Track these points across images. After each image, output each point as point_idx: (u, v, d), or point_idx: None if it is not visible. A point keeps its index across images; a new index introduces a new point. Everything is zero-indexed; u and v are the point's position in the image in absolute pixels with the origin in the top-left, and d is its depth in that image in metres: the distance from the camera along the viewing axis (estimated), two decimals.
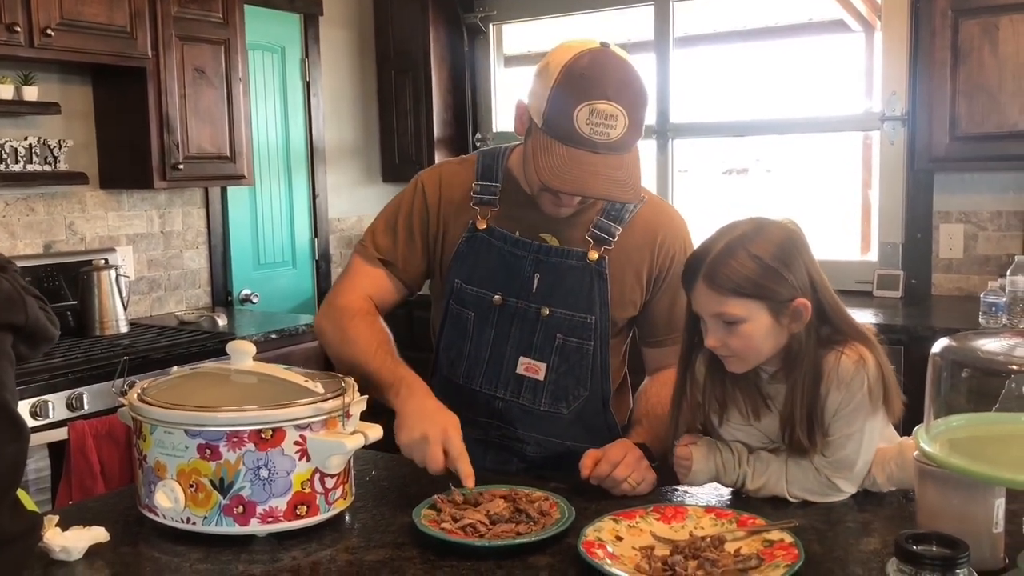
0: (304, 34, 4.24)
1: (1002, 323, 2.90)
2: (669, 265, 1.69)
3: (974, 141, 3.16)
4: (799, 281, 1.41)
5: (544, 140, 1.51)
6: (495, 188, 1.69)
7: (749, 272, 1.39)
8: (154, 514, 1.36)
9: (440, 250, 1.72)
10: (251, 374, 1.46)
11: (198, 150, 3.41)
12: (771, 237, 1.42)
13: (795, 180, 6.21)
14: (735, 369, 1.46)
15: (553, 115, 1.49)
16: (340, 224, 4.48)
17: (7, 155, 3.06)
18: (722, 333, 1.42)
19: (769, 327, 1.41)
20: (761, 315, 1.40)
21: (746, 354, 1.43)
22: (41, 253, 3.26)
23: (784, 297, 1.40)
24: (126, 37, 3.11)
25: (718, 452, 1.50)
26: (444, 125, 4.48)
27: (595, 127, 1.47)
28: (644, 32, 4.18)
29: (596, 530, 1.31)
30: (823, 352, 1.44)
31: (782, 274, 1.40)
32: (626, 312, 1.70)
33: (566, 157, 1.49)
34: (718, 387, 1.51)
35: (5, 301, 1.22)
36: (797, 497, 1.46)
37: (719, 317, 1.41)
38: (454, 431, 1.46)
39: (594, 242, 1.66)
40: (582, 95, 1.47)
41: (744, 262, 1.39)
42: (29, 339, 1.27)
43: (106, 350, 2.91)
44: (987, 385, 1.20)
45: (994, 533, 1.21)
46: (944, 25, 3.15)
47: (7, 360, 1.22)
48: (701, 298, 1.43)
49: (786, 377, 1.45)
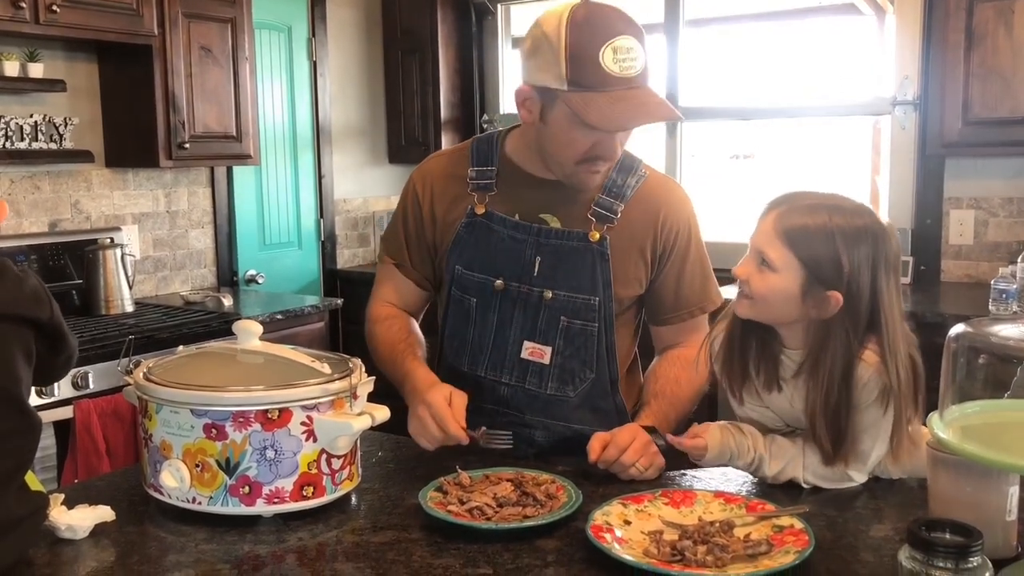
0: (311, 13, 4.21)
1: (1012, 310, 2.88)
2: (674, 241, 1.68)
3: (987, 126, 3.13)
4: (852, 275, 1.36)
5: (577, 98, 1.48)
6: (491, 172, 1.68)
7: (813, 238, 1.36)
8: (160, 494, 1.35)
9: (441, 240, 1.72)
10: (258, 354, 1.45)
11: (204, 129, 3.39)
12: (859, 225, 1.38)
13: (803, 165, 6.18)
14: (740, 310, 1.45)
15: (579, 68, 1.47)
16: (346, 205, 4.47)
17: (12, 132, 3.05)
18: (752, 268, 1.42)
19: (792, 295, 1.39)
20: (794, 278, 1.38)
21: (757, 300, 1.42)
22: (46, 231, 3.25)
23: (826, 280, 1.37)
24: (132, 14, 3.09)
25: (731, 434, 1.48)
26: (451, 106, 4.46)
27: (622, 63, 1.47)
28: (655, 14, 4.15)
29: (604, 514, 1.30)
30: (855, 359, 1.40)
31: (840, 260, 1.36)
32: (631, 290, 1.68)
33: (608, 100, 1.47)
34: (744, 351, 1.49)
35: (31, 295, 1.23)
36: (810, 483, 1.45)
37: (760, 252, 1.41)
38: (436, 397, 1.51)
39: (596, 220, 1.64)
40: (599, 38, 1.47)
41: (816, 227, 1.37)
42: (49, 339, 1.28)
43: (111, 329, 2.91)
44: (1002, 372, 1.19)
45: (1007, 521, 1.20)
46: (959, 7, 3.11)
47: (24, 354, 1.22)
48: (761, 229, 1.42)
49: (810, 373, 1.42)
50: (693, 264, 1.70)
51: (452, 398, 1.51)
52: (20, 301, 1.22)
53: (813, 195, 1.43)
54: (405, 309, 1.79)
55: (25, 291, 1.23)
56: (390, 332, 1.72)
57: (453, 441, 1.50)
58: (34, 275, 1.28)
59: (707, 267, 1.74)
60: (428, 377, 1.60)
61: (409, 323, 1.77)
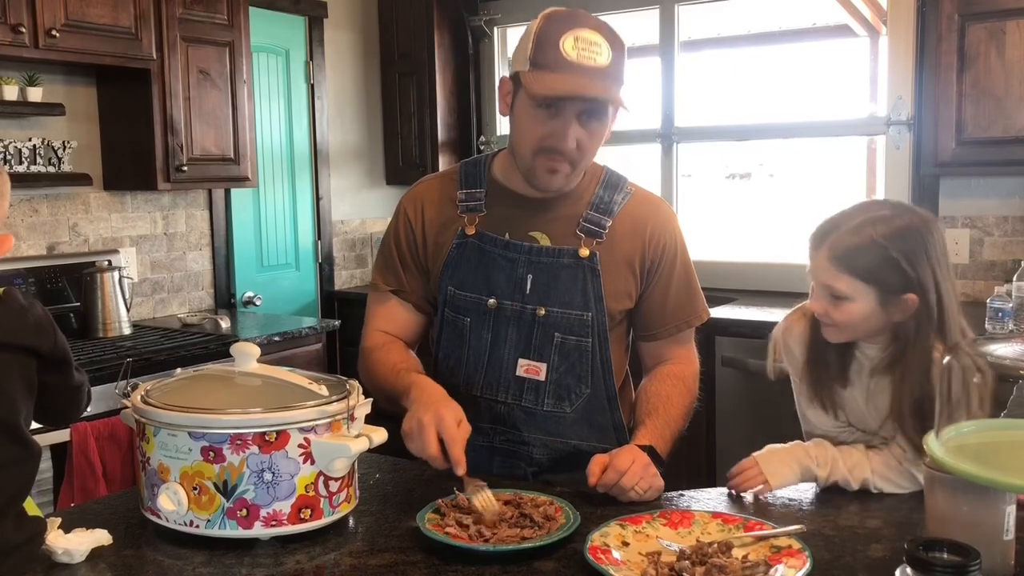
0: (308, 36, 4.24)
1: (1008, 329, 2.89)
2: (661, 254, 1.70)
3: (980, 146, 3.15)
4: (918, 275, 1.42)
5: (534, 75, 1.53)
6: (480, 194, 1.70)
7: (869, 256, 1.43)
8: (157, 517, 1.35)
9: (434, 262, 1.73)
10: (255, 376, 1.45)
11: (202, 152, 3.40)
12: (902, 226, 1.43)
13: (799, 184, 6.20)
14: (830, 337, 1.51)
15: (539, 51, 1.53)
16: (343, 227, 4.48)
17: (11, 156, 3.06)
18: (827, 303, 1.48)
19: (873, 311, 1.46)
20: (868, 298, 1.45)
21: (844, 327, 1.49)
22: (44, 254, 3.26)
23: (896, 287, 1.43)
24: (131, 38, 3.11)
25: (801, 450, 1.51)
26: (448, 128, 4.48)
27: (581, 52, 1.51)
28: (650, 36, 4.18)
29: (602, 535, 1.30)
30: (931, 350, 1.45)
31: (901, 265, 1.42)
32: (622, 304, 1.70)
33: (559, 78, 1.52)
34: (818, 351, 1.55)
35: (34, 325, 1.24)
36: (878, 488, 1.48)
37: (828, 288, 1.47)
38: (449, 415, 1.47)
39: (585, 236, 1.66)
40: (565, 26, 1.53)
41: (867, 246, 1.43)
42: (54, 370, 1.28)
43: (109, 352, 2.91)
44: (997, 391, 1.20)
45: (1005, 540, 1.20)
46: (950, 29, 3.14)
47: (25, 384, 1.23)
48: (818, 265, 1.49)
49: (890, 369, 1.46)
50: (680, 278, 1.72)
51: (462, 424, 1.48)
52: (21, 330, 1.23)
53: (848, 214, 1.49)
54: (401, 337, 1.76)
55: (28, 320, 1.24)
56: (389, 356, 1.70)
57: (441, 464, 1.45)
58: (40, 305, 1.29)
59: (694, 282, 1.76)
60: (439, 390, 1.56)
61: (406, 348, 1.75)
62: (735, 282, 3.84)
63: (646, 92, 4.10)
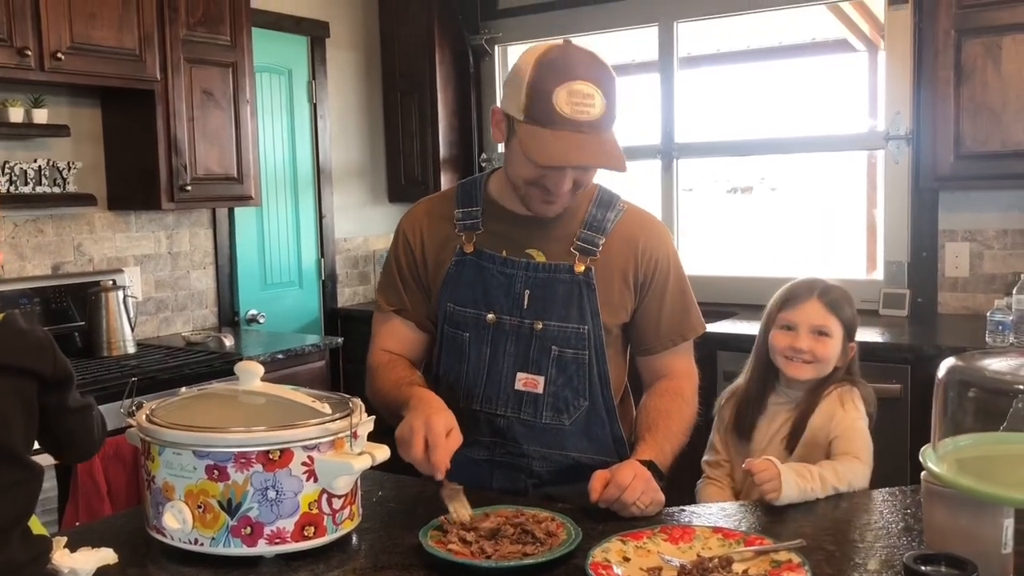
0: (311, 56, 4.27)
1: (1009, 342, 2.90)
2: (654, 270, 1.72)
3: (978, 159, 3.16)
4: (855, 329, 1.93)
5: (528, 130, 1.55)
6: (477, 212, 1.73)
7: (848, 305, 1.92)
8: (162, 535, 1.36)
9: (434, 281, 1.75)
10: (259, 395, 1.46)
11: (206, 171, 3.43)
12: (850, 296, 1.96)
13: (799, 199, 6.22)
14: (802, 375, 1.87)
15: (533, 104, 1.53)
16: (346, 244, 4.50)
17: (17, 177, 3.09)
18: (811, 341, 1.87)
19: (838, 352, 1.88)
20: (839, 338, 1.89)
21: (821, 364, 1.87)
22: (49, 274, 3.28)
23: (851, 333, 1.91)
24: (135, 60, 3.14)
25: (789, 469, 1.60)
26: (450, 146, 4.50)
27: (575, 106, 1.52)
28: (649, 52, 4.21)
29: (603, 551, 1.31)
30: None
31: (856, 321, 1.93)
32: (618, 317, 1.73)
33: (552, 137, 1.53)
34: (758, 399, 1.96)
35: (34, 347, 1.24)
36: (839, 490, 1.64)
37: (819, 328, 1.87)
38: (439, 422, 1.48)
39: (580, 253, 1.69)
40: (557, 78, 1.52)
41: (847, 297, 1.93)
42: (56, 393, 1.29)
43: (113, 371, 2.92)
44: (994, 405, 1.20)
45: (1003, 554, 1.20)
46: (947, 44, 3.16)
47: (24, 407, 1.23)
48: (811, 310, 1.89)
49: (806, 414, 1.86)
50: (673, 292, 1.74)
51: (451, 433, 1.50)
52: (21, 352, 1.23)
53: (817, 278, 1.96)
54: (406, 356, 1.79)
55: (28, 343, 1.24)
56: (392, 372, 1.73)
57: (426, 469, 1.47)
58: (41, 328, 1.29)
59: (688, 295, 1.78)
60: (437, 400, 1.58)
61: (411, 366, 1.78)
62: (736, 296, 3.85)
63: (646, 108, 4.12)
